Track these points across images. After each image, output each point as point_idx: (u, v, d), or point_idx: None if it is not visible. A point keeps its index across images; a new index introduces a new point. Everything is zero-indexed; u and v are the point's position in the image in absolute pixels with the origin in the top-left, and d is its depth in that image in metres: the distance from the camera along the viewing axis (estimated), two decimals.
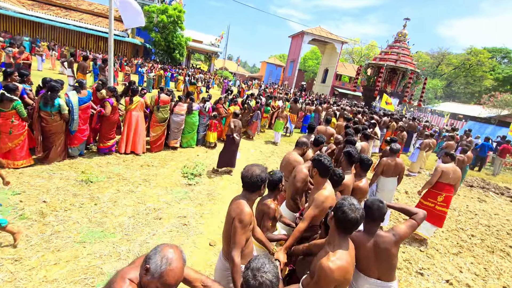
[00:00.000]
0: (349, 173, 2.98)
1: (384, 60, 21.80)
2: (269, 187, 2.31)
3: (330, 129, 6.29)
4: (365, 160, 3.08)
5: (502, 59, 46.66)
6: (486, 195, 8.65)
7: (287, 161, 3.40)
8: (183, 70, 26.05)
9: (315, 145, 4.02)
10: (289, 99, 11.40)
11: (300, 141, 3.50)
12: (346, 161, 3.02)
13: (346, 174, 2.92)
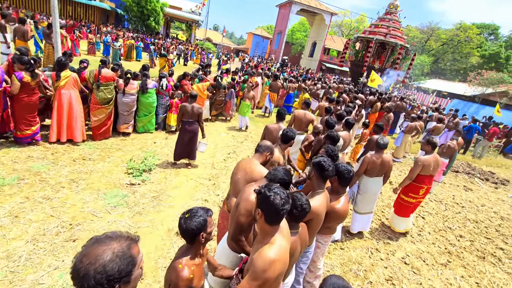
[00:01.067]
0: (319, 194, 2.10)
1: (373, 34, 20.56)
2: (185, 238, 1.41)
3: (309, 114, 5.37)
4: (345, 173, 2.21)
5: (489, 36, 46.23)
6: (471, 181, 8.23)
7: (243, 174, 2.43)
8: (159, 40, 23.88)
9: (283, 141, 3.12)
10: (269, 75, 10.26)
11: (262, 145, 2.55)
12: (317, 176, 2.12)
13: (316, 196, 2.05)
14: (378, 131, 5.43)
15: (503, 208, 6.58)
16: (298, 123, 5.31)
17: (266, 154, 2.53)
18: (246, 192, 1.91)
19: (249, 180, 2.34)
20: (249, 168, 2.39)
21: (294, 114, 5.28)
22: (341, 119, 5.41)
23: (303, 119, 5.28)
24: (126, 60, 16.42)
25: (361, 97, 9.95)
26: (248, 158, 2.52)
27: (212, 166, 5.34)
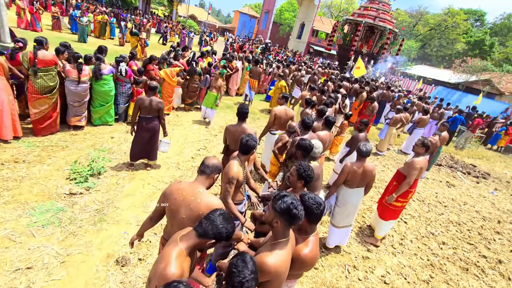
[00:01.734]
0: (283, 246, 1.53)
1: (362, 17, 19.80)
2: None
3: (289, 110, 4.77)
4: (314, 208, 1.67)
5: (475, 22, 46.30)
6: (454, 176, 8.05)
7: (188, 212, 1.83)
8: (136, 16, 22.11)
9: (242, 152, 2.54)
10: (250, 60, 9.47)
11: (209, 165, 1.95)
12: (282, 224, 1.53)
13: (277, 250, 1.50)
14: (363, 128, 4.96)
15: (484, 206, 6.41)
16: (279, 122, 4.73)
17: (214, 177, 1.96)
18: (160, 266, 1.32)
19: (196, 220, 1.78)
20: (194, 203, 1.81)
21: (274, 113, 4.66)
22: (322, 115, 4.87)
23: (284, 117, 4.68)
24: (98, 38, 15.00)
25: (346, 85, 9.41)
26: (190, 184, 1.92)
27: (176, 166, 4.72)
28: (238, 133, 3.36)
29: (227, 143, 3.60)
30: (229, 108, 8.60)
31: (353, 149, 4.92)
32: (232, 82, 9.38)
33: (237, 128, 3.42)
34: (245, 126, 3.46)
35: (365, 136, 4.87)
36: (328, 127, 4.10)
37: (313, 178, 2.21)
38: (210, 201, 1.85)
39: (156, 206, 1.99)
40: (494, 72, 24.42)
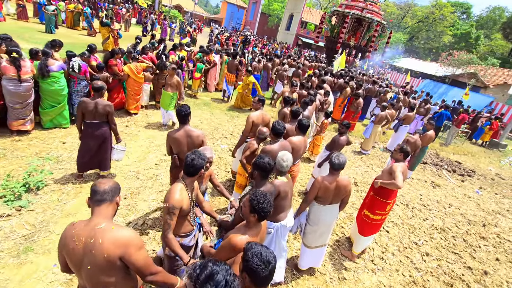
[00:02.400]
0: None
1: (350, 8, 19.29)
2: None
3: (266, 115, 4.28)
4: (259, 273, 1.22)
5: (461, 14, 46.57)
6: (439, 174, 7.83)
7: (92, 263, 1.38)
8: (114, 4, 20.93)
9: (187, 174, 2.07)
10: (230, 53, 8.86)
11: (105, 191, 1.51)
12: None
13: None
14: (344, 131, 4.55)
15: (469, 208, 6.19)
16: (256, 129, 4.26)
17: (117, 200, 1.53)
18: None
19: (106, 265, 1.34)
20: (96, 247, 1.36)
21: (250, 120, 4.14)
22: (296, 117, 4.42)
23: (261, 123, 4.19)
24: (71, 28, 14.01)
25: (329, 80, 8.98)
26: (86, 223, 1.44)
27: (136, 176, 4.21)
28: (183, 139, 2.89)
29: (174, 154, 3.06)
30: (207, 105, 8.05)
31: (332, 150, 4.53)
32: (210, 77, 8.80)
33: (181, 133, 2.93)
34: (189, 129, 2.98)
35: (346, 139, 4.47)
36: (302, 132, 3.66)
37: (269, 212, 1.77)
38: (116, 236, 1.40)
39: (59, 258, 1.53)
40: (479, 65, 24.53)
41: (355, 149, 8.10)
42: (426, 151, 6.95)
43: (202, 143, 3.00)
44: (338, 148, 4.52)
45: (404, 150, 3.28)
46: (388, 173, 3.25)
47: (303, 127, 3.56)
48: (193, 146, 2.93)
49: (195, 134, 2.95)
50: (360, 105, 8.34)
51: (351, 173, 6.32)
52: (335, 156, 2.71)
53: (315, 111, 6.41)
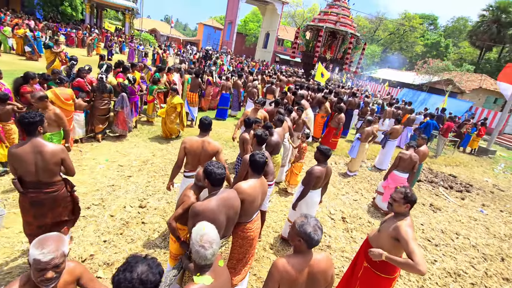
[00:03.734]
0: None
1: (323, 22, 19.15)
2: None
3: (212, 143, 3.15)
4: None
5: (429, 26, 48.74)
6: (436, 193, 6.88)
7: None
8: (77, 30, 19.86)
9: None
10: (192, 71, 7.81)
11: None
12: None
13: None
14: (321, 159, 3.49)
15: (479, 235, 5.20)
16: (193, 160, 3.13)
17: None
18: None
19: None
20: None
21: (183, 146, 3.07)
22: (262, 143, 3.36)
23: (200, 152, 3.08)
24: (19, 55, 12.69)
25: (305, 94, 8.06)
26: None
27: None
28: (28, 156, 1.84)
29: None
30: (153, 133, 6.85)
31: (306, 190, 3.43)
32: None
33: (25, 148, 1.85)
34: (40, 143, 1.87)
35: (323, 171, 3.40)
36: (257, 171, 2.54)
37: None
38: None
39: None
40: (455, 71, 24.91)
41: (340, 170, 7.08)
42: (421, 169, 6.01)
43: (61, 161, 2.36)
44: (316, 184, 3.44)
45: (410, 199, 2.23)
46: (390, 238, 2.16)
47: (256, 166, 2.45)
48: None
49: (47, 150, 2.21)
50: (341, 120, 7.43)
51: (337, 205, 5.23)
52: (311, 230, 1.58)
53: (289, 132, 5.38)
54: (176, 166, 3.12)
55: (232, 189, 2.24)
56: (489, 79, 25.85)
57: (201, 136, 3.14)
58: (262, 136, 3.15)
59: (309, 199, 3.52)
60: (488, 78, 26.01)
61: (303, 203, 3.54)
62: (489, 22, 32.94)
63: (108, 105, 5.45)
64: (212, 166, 2.06)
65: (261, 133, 3.11)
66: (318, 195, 3.63)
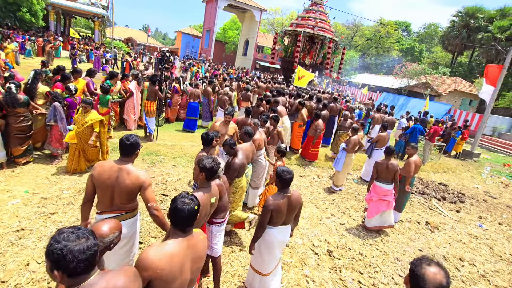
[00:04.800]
0: None
1: (301, 27, 18.73)
2: None
3: (132, 172, 2.19)
4: None
5: (403, 32, 50.33)
6: (429, 207, 6.20)
7: None
8: (37, 37, 18.31)
9: None
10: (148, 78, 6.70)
11: None
12: None
13: None
14: (280, 185, 2.60)
15: (484, 257, 4.50)
16: (103, 195, 2.15)
17: None
18: None
19: None
20: None
21: (92, 173, 2.10)
22: (211, 177, 2.41)
23: (115, 188, 2.11)
24: None
25: (283, 101, 7.25)
26: None
27: None
28: None
29: None
30: (116, 150, 5.76)
31: (260, 229, 2.53)
32: (127, 110, 6.63)
33: None
34: None
35: (283, 203, 2.51)
36: (183, 226, 1.58)
37: None
38: None
39: None
40: (432, 74, 25.25)
41: (324, 185, 6.26)
42: (413, 182, 5.28)
43: None
44: (276, 219, 2.54)
45: None
46: None
47: (179, 219, 1.49)
48: None
49: None
50: (318, 127, 6.65)
51: (322, 233, 4.34)
52: None
53: (264, 148, 4.47)
54: (83, 203, 2.17)
55: (126, 269, 1.27)
56: (463, 81, 26.46)
57: (119, 162, 2.17)
58: (211, 170, 2.19)
59: (270, 240, 2.61)
60: (462, 80, 26.63)
61: (263, 244, 2.63)
62: (459, 27, 34.16)
63: (27, 122, 4.32)
64: None
65: (210, 165, 2.16)
66: (283, 233, 2.71)
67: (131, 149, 2.17)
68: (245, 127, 3.85)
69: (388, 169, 4.28)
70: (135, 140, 2.17)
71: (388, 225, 4.56)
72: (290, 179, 2.53)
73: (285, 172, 2.53)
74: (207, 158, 2.14)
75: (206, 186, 2.16)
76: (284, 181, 2.52)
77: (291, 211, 2.65)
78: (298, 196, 2.67)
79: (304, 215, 4.74)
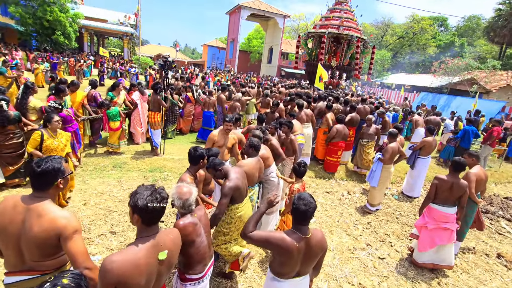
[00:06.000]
0: None
1: (325, 27, 17.71)
2: None
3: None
4: None
5: (439, 27, 46.56)
6: (497, 229, 4.82)
7: None
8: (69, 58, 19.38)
9: None
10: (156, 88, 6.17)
11: None
12: None
13: None
14: (295, 221, 1.70)
15: None
16: (5, 247, 1.44)
17: None
18: None
19: None
20: None
21: None
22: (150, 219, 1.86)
23: (21, 237, 1.39)
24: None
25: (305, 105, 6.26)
26: None
27: None
28: None
29: None
30: (118, 167, 5.24)
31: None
32: (133, 123, 6.16)
33: None
34: None
35: (303, 246, 1.62)
36: None
37: None
38: None
39: None
40: (479, 70, 22.52)
41: (356, 203, 5.17)
42: (475, 207, 4.01)
43: None
44: (286, 271, 1.65)
45: None
46: None
47: None
48: None
49: None
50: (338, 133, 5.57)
51: (355, 272, 3.31)
52: None
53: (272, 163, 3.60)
54: None
55: None
56: None
57: (29, 199, 1.45)
58: (147, 211, 1.34)
59: None
60: None
61: None
62: (506, 15, 30.56)
63: (18, 139, 3.91)
64: None
65: (145, 202, 1.32)
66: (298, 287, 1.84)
67: (44, 180, 1.45)
68: (251, 138, 3.02)
69: (453, 189, 3.17)
70: (50, 167, 1.44)
71: (446, 265, 3.39)
72: (307, 213, 1.69)
73: (301, 202, 1.70)
74: (146, 189, 1.35)
75: (146, 235, 1.36)
76: (300, 214, 1.70)
77: (310, 260, 1.80)
78: (322, 238, 1.80)
79: (332, 245, 3.74)
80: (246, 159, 3.03)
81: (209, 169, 2.65)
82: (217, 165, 2.59)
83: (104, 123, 5.53)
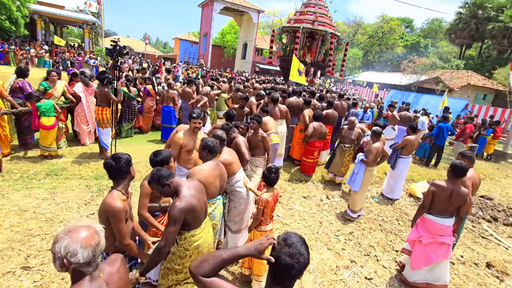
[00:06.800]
0: None
1: (299, 22, 17.31)
2: None
3: None
4: None
5: (405, 28, 48.68)
6: (480, 233, 4.57)
7: None
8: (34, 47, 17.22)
9: None
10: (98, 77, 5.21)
11: None
12: None
13: None
14: None
15: None
16: None
17: None
18: None
19: None
20: None
21: None
22: None
23: None
24: None
25: (280, 100, 5.66)
26: None
27: None
28: None
29: None
30: (53, 174, 4.26)
31: None
32: (77, 120, 5.15)
33: None
34: None
35: None
36: None
37: None
38: None
39: None
40: (443, 69, 23.53)
41: (336, 209, 4.67)
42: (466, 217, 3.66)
43: None
44: None
45: None
46: None
47: None
48: None
49: None
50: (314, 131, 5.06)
51: None
52: None
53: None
54: None
55: None
56: (475, 75, 24.65)
57: None
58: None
59: None
60: (474, 74, 24.82)
61: None
62: (466, 19, 32.46)
63: None
64: None
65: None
66: None
67: None
68: (206, 138, 2.32)
69: (452, 197, 2.71)
70: None
71: (441, 285, 2.95)
72: (292, 270, 1.06)
73: (286, 249, 1.11)
74: None
75: None
76: (281, 269, 1.08)
77: None
78: None
79: (312, 264, 3.16)
80: (200, 165, 2.33)
81: (152, 184, 1.94)
82: (163, 178, 1.88)
83: (33, 119, 4.48)
